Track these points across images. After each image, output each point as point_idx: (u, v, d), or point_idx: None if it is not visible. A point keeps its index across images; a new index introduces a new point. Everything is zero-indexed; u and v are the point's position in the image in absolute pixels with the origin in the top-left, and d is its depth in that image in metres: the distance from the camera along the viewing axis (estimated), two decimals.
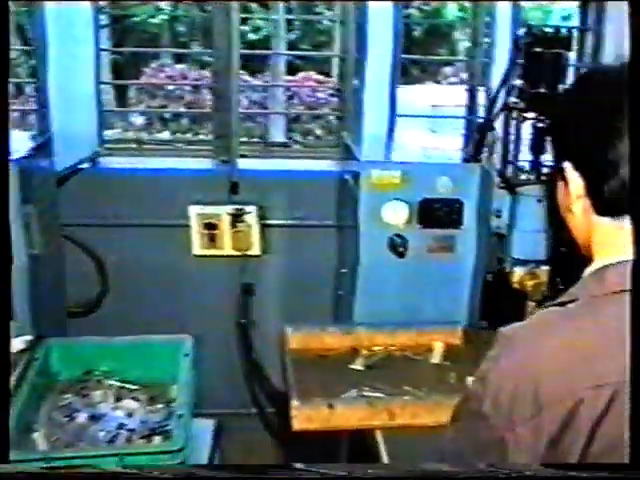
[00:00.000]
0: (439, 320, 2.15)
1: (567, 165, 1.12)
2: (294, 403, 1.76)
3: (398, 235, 2.13)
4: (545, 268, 1.90)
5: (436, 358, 2.01)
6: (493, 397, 1.02)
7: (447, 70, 10.20)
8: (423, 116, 6.31)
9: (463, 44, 11.30)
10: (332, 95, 7.79)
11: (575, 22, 2.58)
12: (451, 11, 10.48)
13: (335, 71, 8.89)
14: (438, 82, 9.97)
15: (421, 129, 5.07)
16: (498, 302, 2.00)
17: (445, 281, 2.20)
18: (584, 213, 1.13)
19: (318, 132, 7.74)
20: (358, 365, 1.97)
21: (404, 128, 2.98)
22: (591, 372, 0.97)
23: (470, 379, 1.73)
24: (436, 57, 11.43)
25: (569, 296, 1.08)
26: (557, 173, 1.16)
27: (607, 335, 1.01)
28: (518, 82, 1.83)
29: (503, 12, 2.44)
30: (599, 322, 1.02)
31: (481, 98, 2.63)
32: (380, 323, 2.12)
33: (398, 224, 2.12)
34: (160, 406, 1.84)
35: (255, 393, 2.65)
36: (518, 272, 1.93)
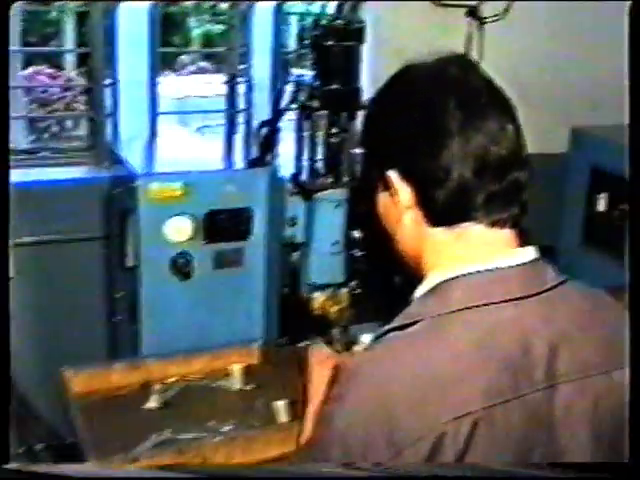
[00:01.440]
0: (234, 341, 1.96)
1: (392, 174, 1.00)
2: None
3: (181, 254, 1.94)
4: (346, 290, 1.80)
5: (237, 383, 1.84)
6: (342, 444, 0.89)
7: (184, 58, 9.65)
8: (187, 112, 6.01)
9: (197, 31, 11.06)
10: (66, 89, 7.27)
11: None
12: None
13: (69, 65, 8.36)
14: (176, 72, 9.45)
15: (180, 126, 4.85)
16: (297, 316, 1.88)
17: (236, 298, 2.04)
18: (415, 225, 1.02)
19: (70, 134, 7.14)
20: (153, 403, 1.75)
21: (164, 127, 2.84)
22: (449, 402, 0.87)
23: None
24: (194, 49, 11.04)
25: (408, 317, 0.96)
26: (380, 182, 1.05)
27: (460, 359, 0.90)
28: (308, 77, 1.71)
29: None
30: (449, 345, 0.92)
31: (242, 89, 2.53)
32: (171, 352, 1.89)
33: (181, 241, 1.93)
34: None
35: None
36: (318, 298, 1.80)
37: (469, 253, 0.99)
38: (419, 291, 1.02)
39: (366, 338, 1.65)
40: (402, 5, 2.52)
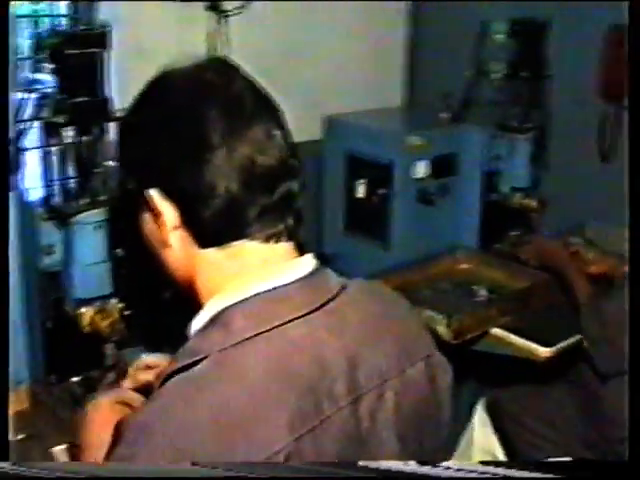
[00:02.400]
0: None
1: (153, 193, 0.91)
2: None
3: None
4: (115, 301, 1.67)
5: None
6: None
7: None
8: None
9: None
10: None
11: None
12: None
13: None
14: None
15: None
16: (68, 350, 1.72)
17: None
18: (183, 246, 0.94)
19: None
20: None
21: None
22: (255, 444, 0.81)
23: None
24: None
25: (191, 355, 0.88)
26: (141, 203, 0.95)
27: (258, 394, 0.84)
28: (51, 90, 1.55)
29: None
30: (243, 381, 0.85)
31: None
32: None
33: None
34: None
35: None
36: (86, 313, 1.65)
37: (246, 273, 0.93)
38: (197, 322, 0.94)
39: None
40: (141, 2, 2.40)
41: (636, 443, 0.93)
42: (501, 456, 2.32)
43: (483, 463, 0.90)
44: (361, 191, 2.72)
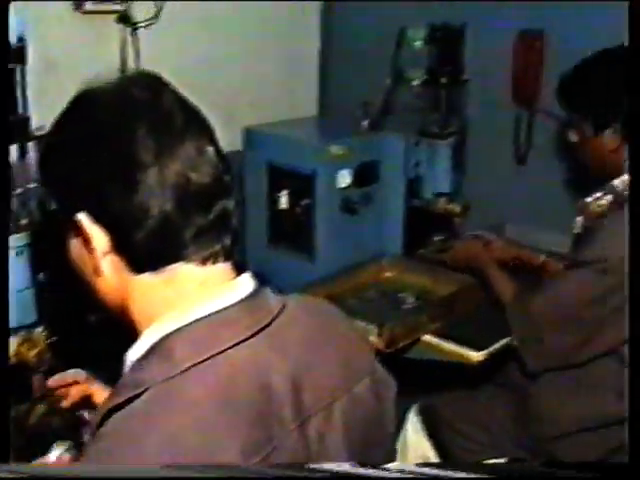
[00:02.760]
0: None
1: (82, 217, 0.86)
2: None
3: None
4: (40, 330, 1.58)
5: None
6: None
7: None
8: None
9: None
10: None
11: None
12: None
13: None
14: None
15: None
16: None
17: None
18: (116, 272, 0.89)
19: None
20: None
21: None
22: None
23: None
24: None
25: (131, 388, 0.83)
26: (69, 227, 0.89)
27: (206, 425, 0.80)
28: None
29: None
30: (189, 413, 0.81)
31: None
32: None
33: None
34: None
35: None
36: (11, 344, 1.56)
37: (184, 298, 0.89)
38: (135, 352, 0.89)
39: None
40: (50, 15, 2.31)
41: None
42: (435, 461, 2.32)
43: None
44: (284, 202, 2.68)
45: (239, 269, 0.98)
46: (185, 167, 0.86)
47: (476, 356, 2.15)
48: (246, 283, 0.95)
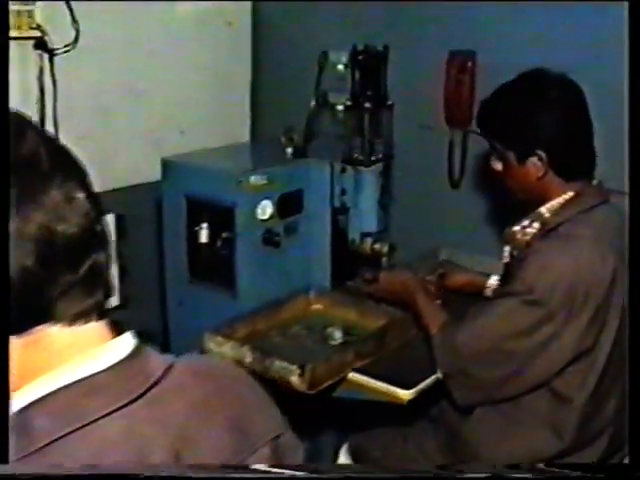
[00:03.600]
0: None
1: None
2: None
3: None
4: None
5: None
6: None
7: None
8: None
9: None
10: None
11: None
12: None
13: None
14: None
15: None
16: None
17: None
18: None
19: None
20: None
21: None
22: None
23: None
24: None
25: None
26: None
27: None
28: None
29: None
30: None
31: None
32: None
33: None
34: None
35: None
36: None
37: (51, 363, 0.78)
38: None
39: None
40: None
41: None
42: None
43: None
44: (204, 236, 2.55)
45: (118, 328, 0.87)
46: (50, 217, 0.76)
47: (405, 395, 2.05)
48: (124, 344, 0.84)
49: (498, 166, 2.02)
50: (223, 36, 3.09)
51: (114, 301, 2.90)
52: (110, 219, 2.76)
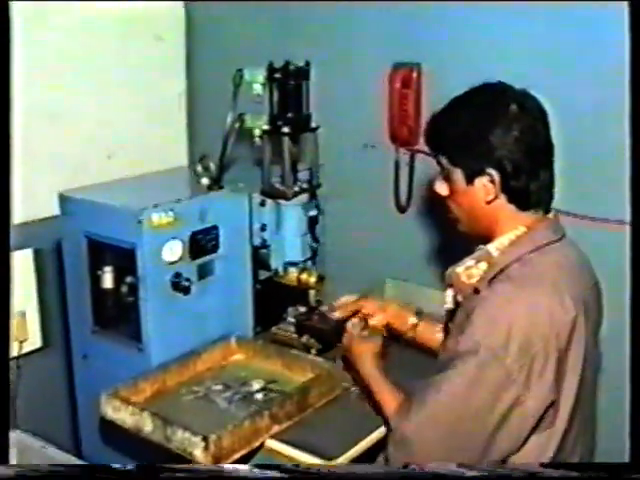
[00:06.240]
0: None
1: None
2: None
3: None
4: None
5: None
6: None
7: None
8: None
9: None
10: None
11: None
12: None
13: None
14: None
15: None
16: None
17: None
18: None
19: None
20: None
21: None
22: None
23: None
24: None
25: None
26: None
27: None
28: None
29: None
30: None
31: None
32: None
33: None
34: None
35: None
36: None
37: None
38: None
39: None
40: None
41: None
42: None
43: None
44: (108, 280, 2.26)
45: None
46: None
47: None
48: None
49: (443, 190, 1.74)
50: (153, 51, 2.84)
51: (37, 342, 2.60)
52: (27, 254, 2.47)
